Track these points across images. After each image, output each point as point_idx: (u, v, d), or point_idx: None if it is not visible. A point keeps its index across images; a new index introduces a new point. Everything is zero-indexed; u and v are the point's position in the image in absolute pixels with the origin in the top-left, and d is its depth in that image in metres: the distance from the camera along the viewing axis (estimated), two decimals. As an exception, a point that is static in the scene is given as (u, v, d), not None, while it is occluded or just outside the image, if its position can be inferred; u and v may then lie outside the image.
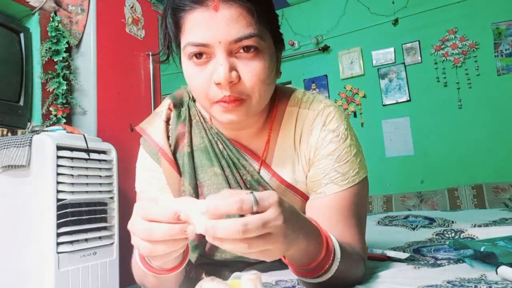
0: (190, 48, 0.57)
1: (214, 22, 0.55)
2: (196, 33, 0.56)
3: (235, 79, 0.57)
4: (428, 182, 2.93)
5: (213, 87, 0.58)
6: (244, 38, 0.56)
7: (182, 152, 0.72)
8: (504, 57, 2.77)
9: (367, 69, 3.28)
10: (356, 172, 0.66)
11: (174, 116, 0.74)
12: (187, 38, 0.58)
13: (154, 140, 0.73)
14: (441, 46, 2.98)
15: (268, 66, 0.60)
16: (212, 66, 0.58)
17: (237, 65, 0.57)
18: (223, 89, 0.57)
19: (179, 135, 0.73)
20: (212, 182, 0.71)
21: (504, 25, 2.78)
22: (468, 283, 0.59)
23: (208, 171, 0.71)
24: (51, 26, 1.88)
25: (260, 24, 0.57)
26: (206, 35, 0.56)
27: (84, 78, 1.99)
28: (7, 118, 1.67)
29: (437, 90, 2.99)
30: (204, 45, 0.56)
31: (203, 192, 0.71)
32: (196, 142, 0.73)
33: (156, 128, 0.73)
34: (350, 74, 3.34)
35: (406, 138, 3.07)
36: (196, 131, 0.73)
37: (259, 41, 0.57)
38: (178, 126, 0.73)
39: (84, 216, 1.54)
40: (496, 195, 2.45)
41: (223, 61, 0.56)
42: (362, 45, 3.30)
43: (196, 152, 0.72)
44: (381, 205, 2.80)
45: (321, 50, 3.43)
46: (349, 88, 3.32)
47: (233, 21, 0.55)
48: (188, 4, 0.57)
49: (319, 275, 0.53)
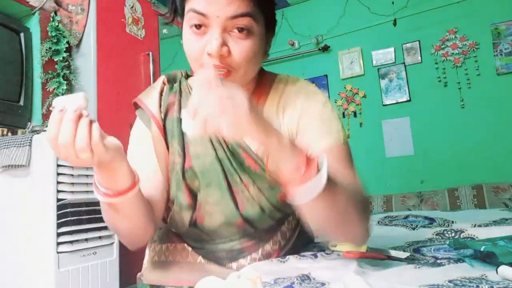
0: (192, 14, 0.65)
1: (216, 1, 0.63)
2: (199, 3, 0.64)
3: (225, 53, 0.64)
4: (428, 182, 2.93)
5: (205, 55, 0.66)
6: (240, 16, 0.63)
7: (172, 118, 0.80)
8: (503, 56, 2.77)
9: (367, 69, 3.28)
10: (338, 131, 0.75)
11: (166, 89, 0.83)
12: (190, 5, 0.65)
13: (148, 107, 0.81)
14: (441, 46, 2.98)
15: (257, 48, 0.68)
16: (208, 37, 0.65)
17: (229, 41, 0.65)
18: (213, 59, 0.65)
19: (169, 104, 0.81)
20: (197, 142, 0.78)
21: (504, 25, 2.78)
22: (469, 283, 0.59)
23: None
24: (51, 26, 1.88)
25: (256, 8, 0.65)
26: (207, 8, 0.63)
27: (84, 78, 1.99)
28: (7, 118, 1.67)
29: (437, 90, 2.99)
30: (204, 15, 0.64)
31: (190, 151, 0.78)
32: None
33: (151, 98, 0.82)
34: (350, 74, 3.34)
35: (406, 138, 3.07)
36: (185, 100, 0.81)
37: (252, 22, 0.65)
38: (169, 96, 0.82)
39: (84, 216, 1.55)
40: (496, 195, 2.45)
41: (218, 35, 0.64)
42: (362, 45, 3.30)
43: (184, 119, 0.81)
44: (381, 205, 2.80)
45: (321, 50, 3.43)
46: (349, 88, 3.32)
47: (233, 2, 0.63)
48: None
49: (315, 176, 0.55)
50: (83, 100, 0.53)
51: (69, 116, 0.51)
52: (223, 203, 0.77)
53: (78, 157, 0.53)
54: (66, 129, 0.51)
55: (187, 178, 0.78)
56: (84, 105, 0.53)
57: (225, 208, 0.78)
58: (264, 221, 0.80)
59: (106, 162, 0.57)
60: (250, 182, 0.77)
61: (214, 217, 0.79)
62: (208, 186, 0.77)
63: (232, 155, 0.77)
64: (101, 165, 0.58)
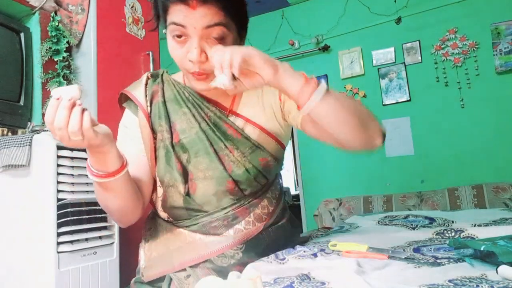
0: (173, 26, 0.75)
1: (192, 15, 0.72)
2: (178, 17, 0.73)
3: (204, 60, 0.75)
4: (428, 182, 2.93)
5: (187, 61, 0.76)
6: (213, 25, 0.73)
7: (157, 103, 0.91)
8: (503, 55, 2.76)
9: (367, 69, 3.28)
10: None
11: (150, 81, 0.94)
12: (171, 19, 0.75)
13: (135, 96, 0.92)
14: (441, 46, 2.98)
15: None
16: (188, 45, 0.75)
17: (206, 48, 0.75)
18: (194, 65, 0.76)
19: (154, 91, 0.92)
20: (182, 119, 0.89)
21: (504, 25, 2.77)
22: (470, 282, 0.59)
23: (179, 112, 0.89)
24: (51, 25, 1.88)
25: (227, 17, 0.74)
26: (185, 20, 0.73)
27: (84, 78, 1.99)
28: (7, 117, 1.67)
29: (437, 90, 2.99)
30: (183, 26, 0.73)
31: (176, 128, 0.89)
32: (167, 95, 0.92)
33: (137, 89, 0.93)
34: (350, 74, 3.34)
35: (406, 138, 3.07)
36: (167, 87, 0.92)
37: (224, 30, 0.75)
38: (153, 86, 0.93)
39: (84, 216, 1.55)
40: (496, 195, 2.45)
41: (196, 44, 0.74)
42: (362, 45, 3.30)
43: (168, 102, 0.91)
44: (381, 205, 2.80)
45: (321, 50, 3.43)
46: (349, 88, 3.32)
47: (206, 15, 0.72)
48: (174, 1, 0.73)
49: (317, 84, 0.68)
50: (77, 91, 0.62)
51: (63, 103, 0.61)
52: (213, 167, 0.87)
53: (70, 139, 0.62)
54: (60, 115, 0.61)
55: (177, 151, 0.88)
56: (78, 95, 0.62)
57: (215, 171, 0.87)
58: (250, 183, 0.90)
59: (96, 145, 0.67)
60: (233, 147, 0.88)
61: (206, 183, 0.87)
62: (197, 155, 0.87)
63: (215, 126, 0.88)
64: (92, 148, 0.68)
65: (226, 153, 0.88)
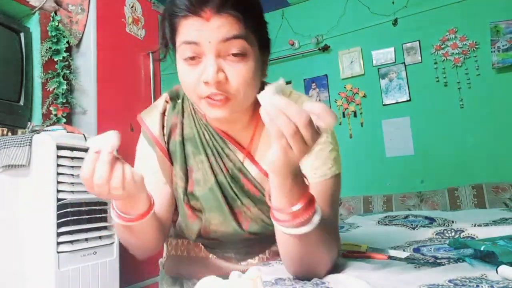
0: (184, 46, 0.64)
1: (206, 28, 0.62)
2: (189, 34, 0.63)
3: (222, 80, 0.63)
4: (428, 182, 2.93)
5: (201, 85, 0.65)
6: (232, 38, 0.62)
7: (175, 141, 0.81)
8: (500, 52, 2.75)
9: (367, 69, 3.28)
10: (329, 167, 0.71)
11: (169, 108, 0.83)
12: (181, 38, 0.65)
13: (150, 130, 0.81)
14: (441, 46, 2.98)
15: (253, 69, 0.66)
16: (202, 66, 0.64)
17: (224, 66, 0.64)
18: (210, 87, 0.64)
19: (172, 125, 0.81)
20: (199, 168, 0.79)
21: (503, 24, 2.77)
22: (470, 282, 0.59)
23: (196, 158, 0.80)
24: (51, 25, 1.88)
25: (247, 30, 0.64)
26: (198, 36, 0.62)
27: (84, 78, 1.99)
28: (7, 117, 1.67)
29: (437, 90, 2.99)
30: (196, 43, 0.63)
31: (192, 175, 0.80)
32: (186, 132, 0.81)
33: (153, 119, 0.82)
34: (350, 74, 3.34)
35: (406, 138, 3.07)
36: (187, 122, 0.81)
37: (245, 45, 0.64)
38: (172, 117, 0.82)
39: (84, 216, 1.55)
40: (496, 195, 2.45)
41: (212, 62, 0.63)
42: (362, 45, 3.30)
43: (186, 141, 0.81)
44: (381, 205, 2.80)
45: (321, 50, 3.43)
46: (349, 88, 3.32)
47: (222, 26, 0.62)
48: (183, 12, 0.63)
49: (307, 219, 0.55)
50: (116, 139, 0.57)
51: (104, 158, 0.56)
52: (226, 224, 0.79)
53: (110, 194, 0.58)
54: (102, 170, 0.55)
55: (191, 200, 0.80)
56: (117, 144, 0.57)
57: (228, 228, 0.80)
58: (269, 231, 0.78)
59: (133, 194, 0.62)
60: (251, 204, 0.79)
61: (220, 233, 0.81)
62: (210, 211, 0.79)
63: (232, 180, 0.78)
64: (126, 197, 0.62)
65: (243, 210, 0.80)
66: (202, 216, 0.80)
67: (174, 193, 0.82)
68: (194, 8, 0.61)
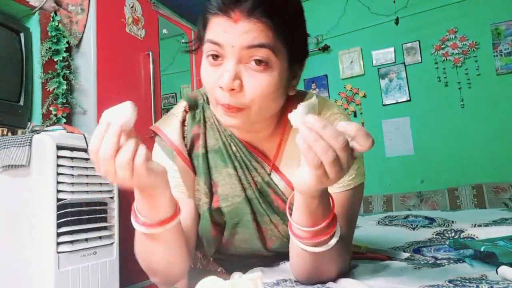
0: (208, 45, 0.61)
1: (232, 30, 0.59)
2: (215, 33, 0.60)
3: (237, 88, 0.59)
4: (428, 182, 2.93)
5: (217, 89, 0.61)
6: (257, 46, 0.58)
7: (197, 153, 0.75)
8: (503, 57, 2.77)
9: (367, 69, 3.28)
10: (352, 178, 0.68)
11: (189, 118, 0.77)
12: (208, 35, 0.62)
13: (170, 139, 0.75)
14: (441, 46, 2.98)
15: (276, 82, 0.61)
16: (222, 69, 0.61)
17: (243, 74, 0.60)
18: (224, 92, 0.60)
19: (194, 136, 0.76)
20: (226, 182, 0.74)
21: (504, 26, 2.78)
22: (469, 283, 0.59)
23: (222, 172, 0.74)
24: (51, 26, 1.88)
25: (277, 40, 0.59)
26: (223, 37, 0.59)
27: (84, 78, 1.99)
28: (7, 117, 1.67)
29: (437, 90, 2.99)
30: (219, 44, 0.60)
31: (217, 191, 0.74)
32: (210, 143, 0.75)
33: (172, 128, 0.76)
34: (350, 74, 3.34)
35: (406, 138, 3.07)
36: (211, 133, 0.76)
37: (270, 55, 0.59)
38: (193, 127, 0.76)
39: (84, 216, 1.54)
40: (496, 195, 2.45)
41: (230, 67, 0.59)
42: (362, 45, 3.30)
43: (210, 153, 0.75)
44: (381, 205, 2.80)
45: (321, 50, 3.43)
46: (349, 88, 3.32)
47: (249, 32, 0.58)
48: (214, 10, 0.60)
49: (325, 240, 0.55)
50: (130, 111, 0.50)
51: (113, 129, 0.48)
52: (250, 241, 0.77)
53: (117, 174, 0.50)
54: (108, 143, 0.48)
55: (214, 216, 0.76)
56: (132, 117, 0.50)
57: (251, 245, 0.77)
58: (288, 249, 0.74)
59: (148, 186, 0.53)
60: (279, 222, 0.75)
61: (239, 250, 0.79)
62: (235, 226, 0.76)
63: (261, 196, 0.74)
64: (142, 189, 0.55)
65: (270, 227, 0.76)
66: (225, 232, 0.77)
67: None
68: (225, 8, 0.59)
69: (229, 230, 0.76)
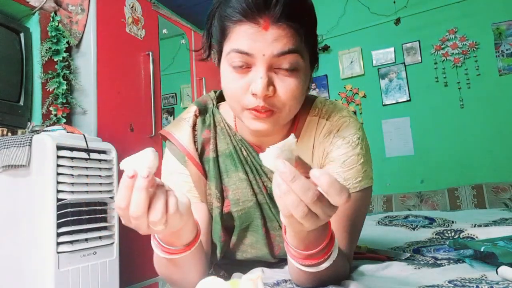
0: (234, 54, 0.60)
1: (262, 38, 0.57)
2: (242, 42, 0.59)
3: (271, 93, 0.60)
4: (428, 182, 2.93)
5: (248, 96, 0.61)
6: (287, 53, 0.58)
7: (208, 157, 0.75)
8: (505, 57, 2.77)
9: (367, 69, 3.28)
10: (359, 181, 0.68)
11: (199, 122, 0.76)
12: (232, 45, 0.60)
13: (182, 144, 0.75)
14: (441, 46, 2.98)
15: (303, 85, 0.63)
16: (251, 76, 0.60)
17: (274, 79, 0.60)
18: (258, 99, 0.60)
19: (204, 140, 0.75)
20: (237, 186, 0.74)
21: (505, 25, 2.78)
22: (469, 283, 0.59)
23: (233, 176, 0.74)
24: (51, 26, 1.88)
25: (303, 44, 0.60)
26: (252, 46, 0.58)
27: (84, 78, 1.99)
28: (7, 118, 1.67)
29: (437, 90, 2.99)
30: (248, 54, 0.58)
31: (228, 195, 0.74)
32: (221, 148, 0.75)
33: (183, 133, 0.76)
34: (350, 74, 3.34)
35: (406, 138, 3.07)
36: (221, 137, 0.76)
37: (299, 60, 0.60)
38: (203, 132, 0.76)
39: (84, 216, 1.54)
40: (496, 195, 2.45)
41: (263, 74, 0.58)
42: (362, 45, 3.30)
43: (221, 158, 0.75)
44: (381, 205, 2.80)
45: (321, 50, 3.43)
46: (349, 88, 3.32)
47: (279, 38, 0.57)
48: (238, 17, 0.58)
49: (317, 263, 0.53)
50: (153, 158, 0.46)
51: (140, 184, 0.45)
52: (258, 247, 0.77)
53: (149, 229, 0.48)
54: (138, 200, 0.45)
55: (225, 220, 0.75)
56: (155, 165, 0.46)
57: (259, 250, 0.77)
58: None
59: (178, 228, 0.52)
60: None
61: (246, 255, 0.79)
62: (245, 230, 0.76)
63: (271, 201, 0.74)
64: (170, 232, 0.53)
65: (278, 233, 0.76)
66: (233, 236, 0.77)
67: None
68: (252, 14, 0.57)
69: (238, 234, 0.76)
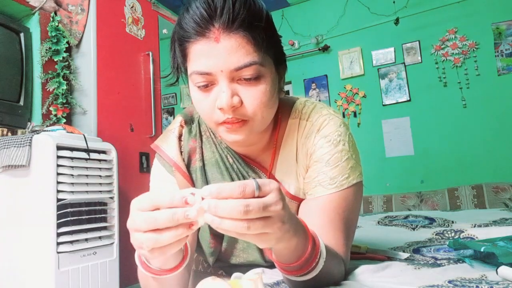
0: (195, 76, 0.61)
1: (216, 53, 0.58)
2: (200, 62, 0.59)
3: (237, 104, 0.60)
4: (428, 182, 2.93)
5: (217, 111, 0.61)
6: (244, 66, 0.58)
7: (195, 166, 0.76)
8: (504, 57, 2.77)
9: (367, 69, 3.28)
10: (346, 178, 0.67)
11: (185, 132, 0.78)
12: (192, 67, 0.61)
13: (169, 156, 0.76)
14: (441, 46, 2.99)
15: (270, 90, 0.62)
16: (216, 92, 0.61)
17: (239, 90, 0.60)
18: (226, 113, 0.60)
19: (191, 150, 0.76)
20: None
21: (504, 25, 2.78)
22: (469, 283, 0.59)
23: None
24: (51, 26, 1.88)
25: (260, 51, 0.60)
26: (209, 65, 0.58)
27: (84, 78, 1.99)
28: (7, 118, 1.67)
29: (437, 90, 2.99)
30: (207, 73, 0.59)
31: None
32: (207, 156, 0.76)
33: (169, 144, 0.77)
34: (350, 74, 3.34)
35: (406, 138, 3.07)
36: (207, 146, 0.77)
37: (259, 68, 0.59)
38: (189, 141, 0.77)
39: (84, 216, 1.54)
40: (496, 195, 2.45)
41: (226, 88, 0.59)
42: (362, 45, 3.30)
43: (207, 166, 0.76)
44: (381, 205, 2.80)
45: (321, 50, 3.43)
46: (349, 88, 3.32)
47: (233, 50, 0.57)
48: (192, 36, 0.59)
49: (304, 273, 0.53)
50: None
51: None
52: (249, 252, 0.78)
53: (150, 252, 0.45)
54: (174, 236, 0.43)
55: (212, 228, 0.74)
56: None
57: (250, 255, 0.78)
58: None
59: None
60: None
61: (239, 259, 0.80)
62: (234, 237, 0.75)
63: None
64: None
65: None
66: (224, 242, 0.77)
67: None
68: (202, 29, 0.58)
69: (228, 241, 0.77)
